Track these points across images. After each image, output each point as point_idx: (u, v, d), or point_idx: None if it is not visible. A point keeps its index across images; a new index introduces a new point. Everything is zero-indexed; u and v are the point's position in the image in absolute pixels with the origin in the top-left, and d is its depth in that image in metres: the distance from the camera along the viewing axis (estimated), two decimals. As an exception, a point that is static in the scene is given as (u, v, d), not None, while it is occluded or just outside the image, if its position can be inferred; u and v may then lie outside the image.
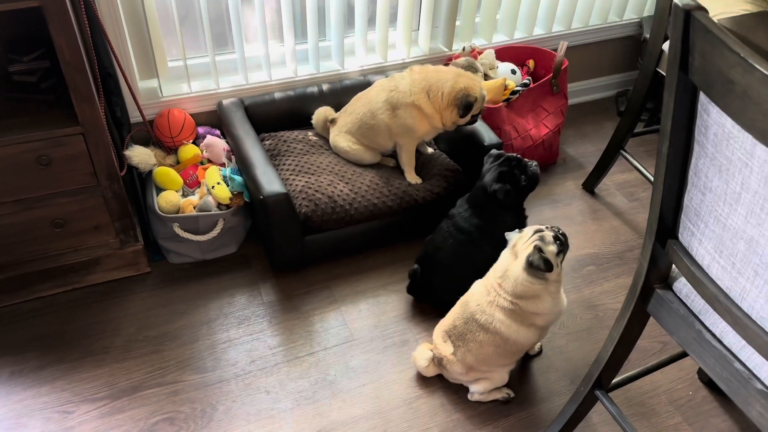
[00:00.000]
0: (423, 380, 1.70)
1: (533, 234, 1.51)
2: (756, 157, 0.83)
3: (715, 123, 0.89)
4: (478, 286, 1.62)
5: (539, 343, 1.78)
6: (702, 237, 1.01)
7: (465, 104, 1.90)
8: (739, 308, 0.97)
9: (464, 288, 1.65)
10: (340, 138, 2.09)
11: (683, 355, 1.55)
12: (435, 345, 1.66)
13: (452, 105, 1.92)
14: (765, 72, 0.74)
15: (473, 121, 2.00)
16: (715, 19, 1.56)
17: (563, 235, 1.52)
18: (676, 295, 1.15)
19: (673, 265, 1.13)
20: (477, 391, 1.63)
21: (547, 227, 1.53)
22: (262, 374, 1.70)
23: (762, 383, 0.99)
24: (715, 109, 0.87)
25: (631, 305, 1.22)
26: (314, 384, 1.68)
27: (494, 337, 1.54)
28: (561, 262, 1.51)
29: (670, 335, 1.17)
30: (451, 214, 1.85)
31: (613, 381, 1.42)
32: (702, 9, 0.84)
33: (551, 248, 1.48)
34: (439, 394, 1.67)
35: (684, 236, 1.07)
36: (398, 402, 1.65)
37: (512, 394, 1.66)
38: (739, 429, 1.61)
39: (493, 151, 1.83)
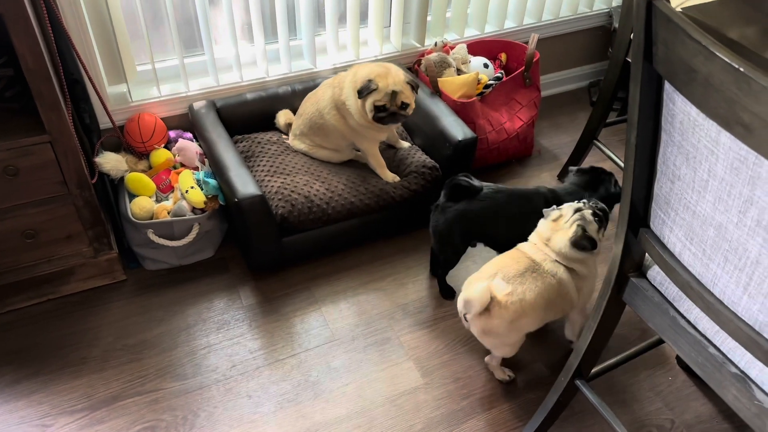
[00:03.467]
0: (405, 378, 1.70)
1: (574, 213, 1.56)
2: (721, 145, 0.84)
3: (680, 111, 0.89)
4: (523, 246, 1.63)
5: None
6: (673, 225, 1.02)
7: (360, 87, 1.84)
8: (711, 294, 0.99)
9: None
10: (296, 142, 2.09)
11: (661, 341, 1.57)
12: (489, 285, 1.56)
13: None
14: (726, 59, 0.75)
15: (389, 119, 1.87)
16: (681, 8, 1.56)
17: (602, 210, 1.58)
18: (650, 282, 1.16)
19: (646, 254, 1.15)
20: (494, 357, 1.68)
21: (584, 203, 1.59)
22: (243, 378, 1.68)
23: (736, 367, 1.01)
24: (680, 97, 0.88)
25: (606, 294, 1.23)
26: (296, 386, 1.67)
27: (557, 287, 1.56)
28: (603, 234, 1.57)
29: (646, 322, 1.18)
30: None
31: (594, 370, 1.43)
32: (664, -2, 0.84)
33: (593, 226, 1.55)
34: (421, 391, 1.67)
35: (655, 224, 1.08)
36: (381, 400, 1.64)
37: (513, 376, 1.71)
38: (718, 411, 1.64)
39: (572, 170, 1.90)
